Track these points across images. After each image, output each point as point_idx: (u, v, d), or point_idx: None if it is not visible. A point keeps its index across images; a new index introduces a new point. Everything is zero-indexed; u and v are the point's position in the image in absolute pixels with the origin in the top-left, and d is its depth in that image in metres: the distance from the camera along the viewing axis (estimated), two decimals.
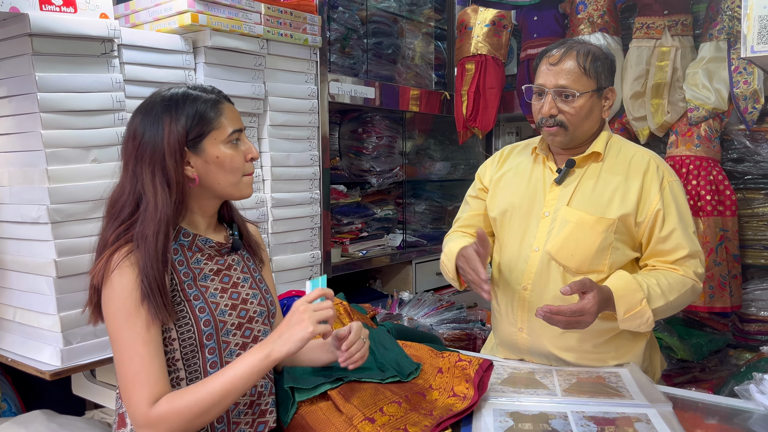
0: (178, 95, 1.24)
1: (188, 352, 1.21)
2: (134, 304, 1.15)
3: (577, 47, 1.64)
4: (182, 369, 1.22)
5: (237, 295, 1.29)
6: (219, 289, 1.27)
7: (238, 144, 1.27)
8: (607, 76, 1.65)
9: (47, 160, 1.55)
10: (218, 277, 1.29)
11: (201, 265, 1.27)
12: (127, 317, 1.15)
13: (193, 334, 1.21)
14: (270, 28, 2.07)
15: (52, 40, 1.56)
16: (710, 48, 2.55)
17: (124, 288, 1.15)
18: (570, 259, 1.64)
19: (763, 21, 1.40)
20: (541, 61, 1.68)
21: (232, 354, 1.26)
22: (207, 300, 1.24)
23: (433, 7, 3.39)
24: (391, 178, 3.03)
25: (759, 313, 2.59)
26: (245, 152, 1.28)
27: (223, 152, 1.24)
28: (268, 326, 1.34)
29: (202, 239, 1.28)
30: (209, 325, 1.22)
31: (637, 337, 1.69)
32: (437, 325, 2.63)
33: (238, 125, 1.27)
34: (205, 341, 1.22)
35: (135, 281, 1.15)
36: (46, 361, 1.59)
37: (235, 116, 1.28)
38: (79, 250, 1.59)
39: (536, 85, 1.66)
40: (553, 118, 1.62)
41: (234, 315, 1.27)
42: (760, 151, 2.54)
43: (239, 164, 1.26)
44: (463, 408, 1.30)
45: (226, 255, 1.33)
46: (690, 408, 1.41)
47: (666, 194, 1.62)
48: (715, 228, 2.52)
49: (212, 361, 1.23)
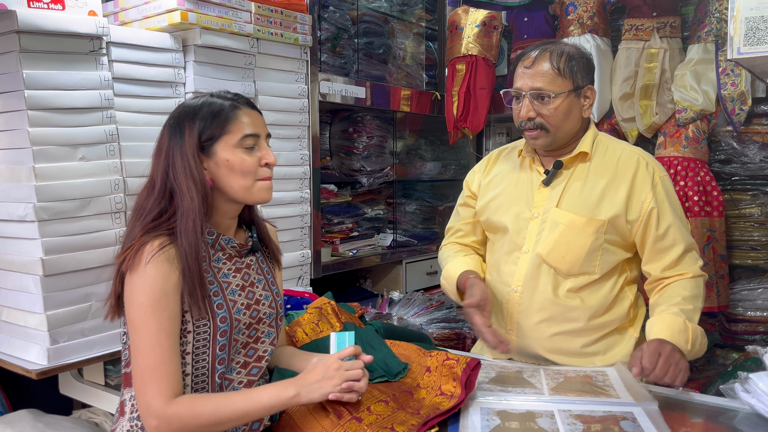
0: (198, 102, 1.29)
1: (199, 347, 1.24)
2: (163, 296, 1.18)
3: (551, 48, 1.64)
4: (189, 364, 1.24)
5: (252, 295, 1.33)
6: (239, 286, 1.31)
7: (254, 149, 1.28)
8: (584, 75, 1.65)
9: (34, 158, 1.54)
10: (239, 275, 1.32)
11: (221, 264, 1.31)
12: (155, 308, 1.17)
13: (208, 329, 1.24)
14: (260, 27, 2.07)
15: (39, 38, 1.55)
16: (698, 50, 2.57)
17: (156, 279, 1.18)
18: (561, 261, 1.64)
19: (750, 23, 1.41)
20: (517, 65, 1.68)
21: (237, 353, 1.30)
22: (226, 297, 1.27)
23: (424, 8, 3.39)
24: (381, 177, 3.03)
25: (746, 313, 2.61)
26: (261, 157, 1.29)
27: (233, 156, 1.26)
28: (273, 329, 1.37)
29: (225, 239, 1.32)
30: (225, 322, 1.25)
31: (626, 336, 1.70)
32: (427, 325, 2.63)
33: (254, 130, 1.28)
34: (218, 337, 1.24)
35: (167, 275, 1.18)
36: (32, 360, 1.59)
37: (251, 121, 1.28)
38: (66, 248, 1.58)
39: (513, 89, 1.66)
40: (532, 121, 1.62)
41: (247, 315, 1.30)
42: (747, 153, 2.56)
43: (251, 168, 1.27)
44: (450, 407, 1.31)
45: (245, 256, 1.36)
46: (675, 407, 1.42)
47: (658, 191, 1.63)
48: (702, 228, 2.53)
49: (221, 358, 1.26)
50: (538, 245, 1.67)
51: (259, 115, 1.32)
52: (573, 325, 1.65)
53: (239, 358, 1.31)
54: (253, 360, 1.33)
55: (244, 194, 1.28)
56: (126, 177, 1.72)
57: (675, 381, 1.43)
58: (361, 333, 1.58)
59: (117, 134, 1.71)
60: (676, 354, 1.47)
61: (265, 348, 1.36)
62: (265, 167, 1.29)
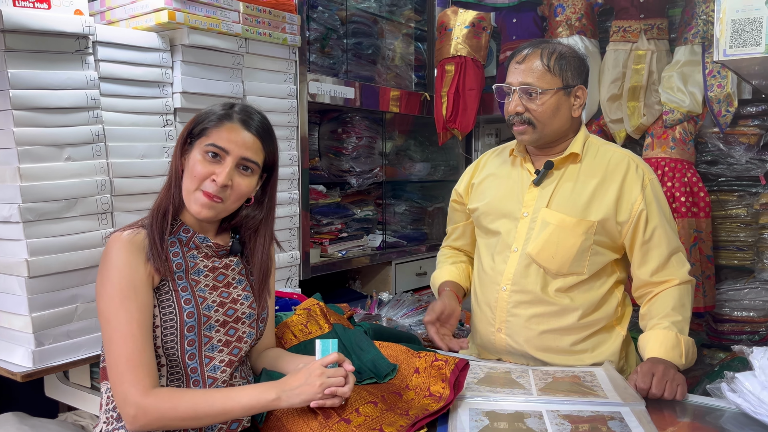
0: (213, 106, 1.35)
1: (168, 341, 1.24)
2: (131, 287, 1.19)
3: (543, 46, 1.67)
4: (163, 356, 1.25)
5: (227, 295, 1.33)
6: (210, 286, 1.31)
7: (216, 159, 1.27)
8: (574, 74, 1.67)
9: (19, 158, 1.52)
10: (213, 274, 1.33)
11: (196, 260, 1.31)
12: (123, 298, 1.18)
13: (175, 324, 1.24)
14: (248, 27, 2.06)
15: (25, 37, 1.53)
16: (685, 52, 2.59)
17: (122, 270, 1.19)
18: (551, 261, 1.65)
19: (736, 25, 1.42)
20: (510, 61, 1.71)
21: (213, 349, 1.29)
22: (195, 293, 1.27)
23: (413, 8, 3.39)
24: (371, 178, 3.02)
25: (732, 314, 2.64)
26: (217, 173, 1.26)
27: (194, 156, 1.28)
28: (254, 330, 1.37)
29: (200, 237, 1.33)
30: (192, 317, 1.25)
31: (613, 334, 1.71)
32: (416, 326, 2.63)
33: (223, 144, 1.26)
34: (186, 332, 1.24)
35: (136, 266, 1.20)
36: (17, 363, 1.57)
37: (230, 137, 1.27)
38: (51, 249, 1.57)
39: (504, 84, 1.69)
40: (520, 116, 1.65)
41: (221, 312, 1.30)
42: (734, 154, 2.58)
43: (200, 175, 1.26)
44: (438, 407, 1.31)
45: (224, 257, 1.36)
46: (663, 406, 1.43)
47: (648, 193, 1.65)
48: (689, 229, 2.55)
49: (190, 353, 1.26)
50: (528, 245, 1.67)
51: (247, 136, 1.29)
52: (562, 323, 1.66)
53: (222, 356, 1.30)
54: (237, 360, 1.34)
55: (185, 196, 1.29)
56: (113, 178, 1.70)
57: (675, 396, 1.44)
58: (349, 334, 1.58)
59: (103, 134, 1.69)
60: (670, 371, 1.49)
61: (248, 348, 1.37)
62: (211, 183, 1.26)
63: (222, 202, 1.28)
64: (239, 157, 1.28)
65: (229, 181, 1.27)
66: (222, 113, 1.30)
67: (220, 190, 1.26)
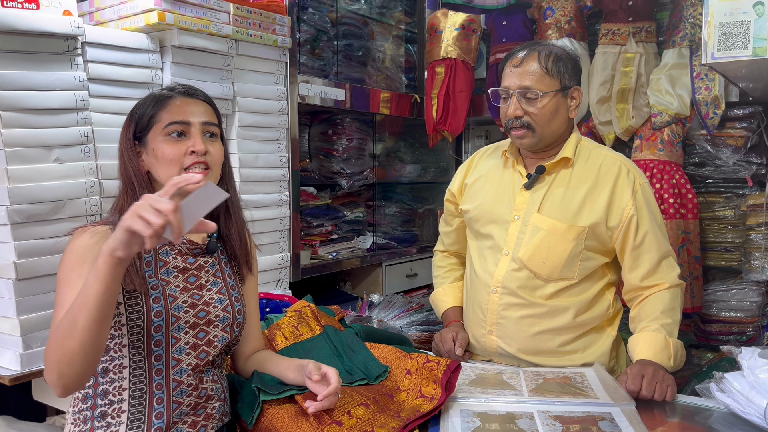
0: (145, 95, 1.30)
1: (134, 340, 1.20)
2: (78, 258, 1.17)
3: (539, 48, 1.66)
4: (127, 357, 1.21)
5: (199, 297, 1.29)
6: (180, 288, 1.27)
7: (183, 137, 1.25)
8: (571, 75, 1.67)
9: (7, 160, 1.51)
10: (183, 275, 1.29)
11: (168, 258, 1.28)
12: (78, 264, 1.17)
13: (142, 323, 1.20)
14: (239, 29, 2.06)
15: (13, 37, 1.52)
16: (673, 54, 2.61)
17: (80, 245, 1.18)
18: (541, 267, 1.65)
19: (724, 28, 1.43)
20: (505, 65, 1.70)
21: (181, 351, 1.24)
22: (165, 292, 1.24)
23: (404, 11, 3.40)
24: (361, 180, 3.02)
25: (720, 314, 2.66)
26: (190, 146, 1.24)
27: (158, 145, 1.25)
28: (227, 334, 1.31)
29: None
30: (160, 317, 1.21)
31: (604, 335, 1.72)
32: (407, 327, 2.63)
33: (181, 117, 1.25)
34: (152, 332, 1.21)
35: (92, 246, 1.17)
36: (5, 366, 1.55)
37: (183, 109, 1.26)
38: (39, 251, 1.55)
39: (501, 88, 1.68)
40: (519, 120, 1.64)
41: (191, 314, 1.26)
42: (721, 156, 2.60)
43: (174, 156, 1.23)
44: (430, 409, 1.31)
45: (199, 256, 1.32)
46: (653, 406, 1.44)
47: (638, 198, 1.65)
48: (677, 230, 2.57)
49: (157, 354, 1.22)
50: (519, 249, 1.68)
51: (197, 103, 1.29)
52: (554, 323, 1.67)
53: (189, 359, 1.25)
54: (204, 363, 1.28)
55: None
56: (101, 179, 1.69)
57: (665, 397, 1.46)
58: (341, 336, 1.58)
59: (92, 136, 1.68)
60: (659, 372, 1.50)
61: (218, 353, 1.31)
62: (191, 155, 1.24)
63: (209, 170, 1.27)
64: (201, 123, 1.27)
65: (205, 148, 1.26)
66: (162, 95, 1.28)
67: (204, 157, 1.25)
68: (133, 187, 1.26)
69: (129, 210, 0.98)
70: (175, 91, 1.30)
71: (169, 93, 1.29)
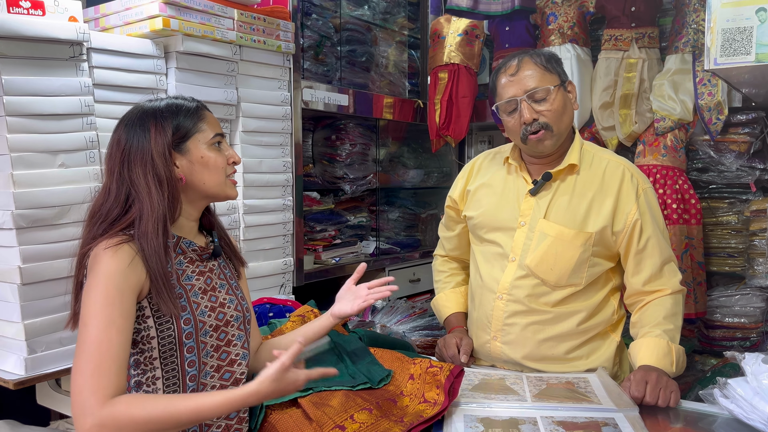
0: (162, 104, 1.32)
1: (166, 351, 1.22)
2: (118, 292, 1.14)
3: (529, 53, 1.69)
4: (159, 368, 1.22)
5: (215, 299, 1.33)
6: (201, 290, 1.30)
7: (221, 148, 1.35)
8: (562, 70, 1.70)
9: (12, 165, 1.52)
10: (202, 278, 1.32)
11: (183, 266, 1.30)
12: (108, 303, 1.13)
13: (173, 332, 1.22)
14: (243, 34, 2.07)
15: (19, 43, 1.53)
16: (676, 60, 2.61)
17: (112, 276, 1.14)
18: (549, 273, 1.65)
19: (726, 34, 1.43)
20: (498, 78, 1.70)
21: (207, 355, 1.28)
22: (189, 299, 1.26)
23: (407, 16, 3.41)
24: (364, 185, 3.03)
25: (723, 320, 2.65)
26: (228, 156, 1.36)
27: (206, 153, 1.32)
28: (243, 332, 1.37)
29: (186, 242, 1.32)
30: (189, 324, 1.24)
31: (607, 341, 1.71)
32: (410, 332, 2.63)
33: (220, 130, 1.36)
34: (184, 340, 1.23)
35: (125, 274, 1.15)
36: (9, 371, 1.55)
37: (215, 122, 1.37)
38: (44, 256, 1.56)
39: (507, 100, 1.66)
40: (537, 123, 1.63)
41: (213, 317, 1.30)
42: (724, 161, 2.60)
43: (223, 165, 1.34)
44: (433, 414, 1.31)
45: (207, 260, 1.36)
46: (656, 412, 1.43)
47: (642, 203, 1.65)
48: (680, 236, 2.57)
49: (190, 360, 1.25)
50: (526, 256, 1.67)
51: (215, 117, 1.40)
52: (559, 329, 1.67)
53: (212, 361, 1.30)
54: (226, 364, 1.32)
55: (217, 189, 1.33)
56: None
57: (669, 403, 1.45)
58: (344, 340, 1.58)
59: (97, 141, 1.69)
60: (663, 378, 1.50)
61: (237, 351, 1.35)
62: (231, 165, 1.37)
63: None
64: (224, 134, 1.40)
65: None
66: (196, 106, 1.35)
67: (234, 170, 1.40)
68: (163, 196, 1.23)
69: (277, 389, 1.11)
70: (201, 104, 1.38)
71: (199, 105, 1.36)
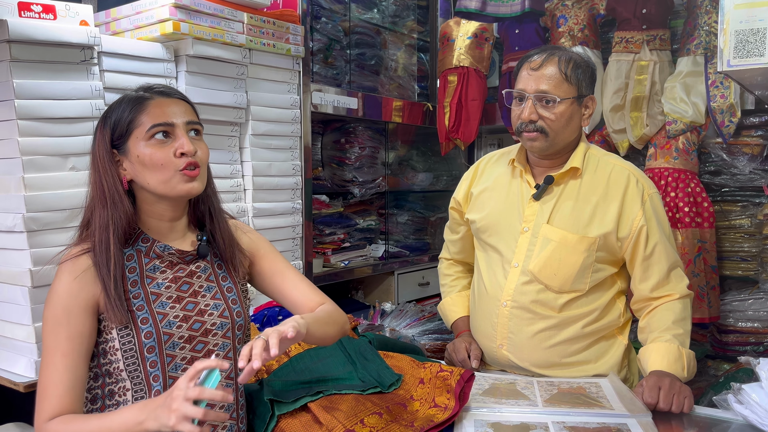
0: (116, 100, 1.24)
1: (130, 364, 1.18)
2: (65, 314, 1.15)
3: (559, 53, 1.63)
4: (127, 379, 1.19)
5: (194, 306, 1.25)
6: (173, 298, 1.23)
7: (168, 140, 1.20)
8: (587, 84, 1.65)
9: (24, 168, 1.52)
10: (175, 285, 1.25)
11: (156, 273, 1.24)
12: (55, 325, 1.15)
13: (134, 346, 1.18)
14: (252, 38, 2.07)
15: (30, 47, 1.54)
16: (687, 62, 2.59)
17: (60, 295, 1.16)
18: (553, 279, 1.64)
19: (740, 36, 1.42)
20: (522, 66, 1.66)
21: (177, 369, 1.21)
22: (153, 311, 1.20)
23: (416, 20, 3.41)
24: (373, 188, 3.02)
25: (737, 324, 2.62)
26: (177, 147, 1.20)
27: (142, 150, 1.19)
28: (228, 340, 1.27)
29: (161, 246, 1.25)
30: (150, 337, 1.18)
31: (615, 344, 1.70)
32: (419, 336, 2.62)
33: (163, 119, 1.19)
34: (146, 353, 1.18)
35: (76, 292, 1.15)
36: (20, 373, 1.56)
37: (163, 111, 1.20)
38: (55, 259, 1.56)
39: (517, 89, 1.65)
40: (534, 124, 1.61)
41: (184, 328, 1.22)
42: (737, 164, 2.58)
43: (164, 161, 1.19)
44: (444, 419, 1.30)
45: (191, 262, 1.28)
46: (670, 418, 1.42)
47: (647, 208, 1.63)
48: (693, 239, 2.54)
49: (154, 375, 1.19)
50: (529, 261, 1.66)
51: (177, 103, 1.23)
52: (565, 335, 1.65)
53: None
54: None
55: (162, 189, 1.20)
56: None
57: (683, 408, 1.44)
58: (354, 344, 1.57)
59: None
60: (676, 383, 1.48)
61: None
62: (181, 158, 1.20)
63: (200, 168, 1.23)
64: (184, 122, 1.22)
65: (195, 148, 1.21)
66: (138, 97, 1.22)
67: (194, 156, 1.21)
68: (106, 202, 1.19)
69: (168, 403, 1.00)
70: (152, 91, 1.24)
71: (144, 94, 1.22)
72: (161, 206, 1.25)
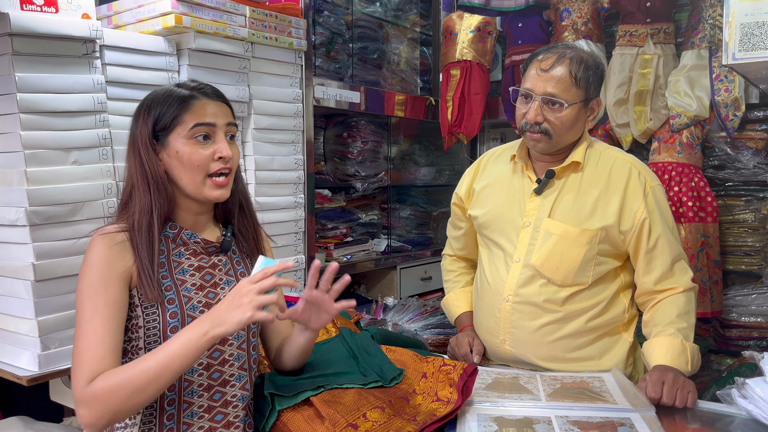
0: (158, 91, 1.27)
1: (151, 342, 1.20)
2: (102, 281, 1.15)
3: (570, 54, 1.60)
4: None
5: (214, 295, 1.28)
6: (196, 285, 1.26)
7: (207, 141, 1.24)
8: (595, 87, 1.63)
9: (26, 162, 1.52)
10: (199, 273, 1.28)
11: (182, 259, 1.27)
12: (91, 293, 1.15)
13: (158, 324, 1.20)
14: (255, 31, 2.06)
15: (32, 40, 1.53)
16: (692, 56, 2.58)
17: (97, 264, 1.16)
18: (555, 272, 1.63)
19: (745, 29, 1.41)
20: (531, 64, 1.64)
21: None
22: (179, 293, 1.23)
23: (419, 13, 3.40)
24: (376, 183, 3.02)
25: (740, 319, 2.62)
26: (215, 150, 1.24)
27: (182, 148, 1.22)
28: (243, 331, 1.31)
29: (188, 233, 1.28)
30: (175, 317, 1.21)
31: (620, 341, 1.69)
32: (421, 331, 2.62)
33: (208, 120, 1.23)
34: (168, 333, 1.20)
35: (112, 263, 1.16)
36: (23, 367, 1.56)
37: (206, 111, 1.23)
38: (57, 253, 1.56)
39: (524, 88, 1.63)
40: (539, 126, 1.60)
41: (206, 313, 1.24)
42: (741, 158, 2.57)
43: (200, 162, 1.22)
44: (446, 413, 1.30)
45: (213, 254, 1.32)
46: (673, 412, 1.42)
47: (650, 201, 1.63)
48: (696, 234, 2.54)
49: None
50: (531, 255, 1.66)
51: (221, 106, 1.27)
52: (568, 330, 1.65)
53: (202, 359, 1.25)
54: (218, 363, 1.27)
55: (191, 189, 1.24)
56: (119, 181, 1.70)
57: (687, 403, 1.43)
58: (356, 338, 1.57)
59: (110, 138, 1.69)
60: (680, 378, 1.48)
61: (232, 352, 1.29)
62: (218, 161, 1.23)
63: (230, 174, 1.27)
64: (224, 125, 1.26)
65: (231, 153, 1.26)
66: (185, 95, 1.24)
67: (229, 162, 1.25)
68: (148, 187, 1.22)
69: (237, 301, 1.10)
70: (199, 91, 1.26)
71: (191, 93, 1.25)
72: (189, 201, 1.29)
